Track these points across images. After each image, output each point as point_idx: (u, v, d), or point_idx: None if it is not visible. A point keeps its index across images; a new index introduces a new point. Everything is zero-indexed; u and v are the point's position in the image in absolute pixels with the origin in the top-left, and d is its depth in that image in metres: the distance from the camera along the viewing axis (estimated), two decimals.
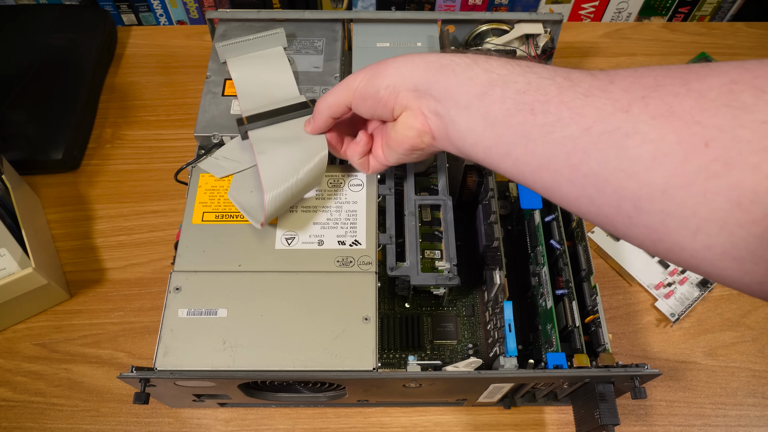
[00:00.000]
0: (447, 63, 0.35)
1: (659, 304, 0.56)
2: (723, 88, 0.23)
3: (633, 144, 0.25)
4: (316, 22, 0.58)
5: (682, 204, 0.24)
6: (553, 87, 0.30)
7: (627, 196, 0.26)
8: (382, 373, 0.40)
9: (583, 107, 0.28)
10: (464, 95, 0.34)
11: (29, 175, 0.63)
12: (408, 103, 0.37)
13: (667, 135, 0.24)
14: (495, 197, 0.49)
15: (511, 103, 0.31)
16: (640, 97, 0.26)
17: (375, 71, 0.39)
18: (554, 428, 0.51)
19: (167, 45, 0.76)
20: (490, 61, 0.34)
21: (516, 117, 0.31)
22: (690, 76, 0.25)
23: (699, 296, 0.56)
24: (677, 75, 0.26)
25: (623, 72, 0.28)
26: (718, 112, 0.23)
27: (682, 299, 0.56)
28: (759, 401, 0.52)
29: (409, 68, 0.37)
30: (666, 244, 0.26)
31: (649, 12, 0.82)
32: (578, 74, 0.30)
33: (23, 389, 0.52)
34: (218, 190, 0.47)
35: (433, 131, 0.37)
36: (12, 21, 0.71)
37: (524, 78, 0.32)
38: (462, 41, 0.62)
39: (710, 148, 0.23)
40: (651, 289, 0.57)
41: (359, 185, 0.48)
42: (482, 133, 0.33)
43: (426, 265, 0.48)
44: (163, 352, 0.40)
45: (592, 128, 0.27)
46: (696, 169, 0.23)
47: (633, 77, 0.27)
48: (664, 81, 0.26)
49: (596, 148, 0.27)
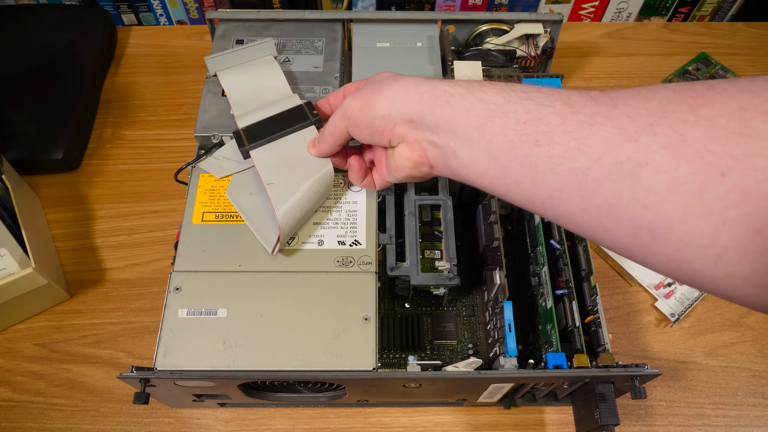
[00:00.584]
0: (441, 94, 0.35)
1: (659, 304, 0.56)
2: (732, 115, 0.23)
3: (646, 174, 0.25)
4: (316, 22, 0.58)
5: (701, 233, 0.24)
6: (554, 115, 0.29)
7: (643, 226, 0.26)
8: (382, 373, 0.40)
9: (589, 137, 0.27)
10: (462, 127, 0.33)
11: (29, 175, 0.63)
12: (404, 135, 0.37)
13: (681, 165, 0.24)
14: (495, 197, 0.49)
15: (513, 135, 0.31)
16: (648, 124, 0.25)
17: (367, 100, 0.38)
18: (554, 428, 0.51)
19: (167, 45, 0.76)
20: (484, 89, 0.33)
21: (520, 149, 0.30)
22: (697, 101, 0.25)
23: (699, 296, 0.56)
24: (682, 99, 0.25)
25: (624, 94, 0.28)
26: (731, 141, 0.23)
27: (682, 299, 0.56)
28: (759, 401, 0.52)
29: (403, 99, 0.36)
30: (686, 272, 0.26)
31: (649, 12, 0.82)
32: (578, 97, 0.29)
33: (23, 389, 0.52)
34: (218, 190, 0.47)
35: (431, 161, 0.37)
36: (12, 21, 0.71)
37: (522, 106, 0.31)
38: (462, 41, 0.62)
39: (726, 177, 0.23)
40: (651, 289, 0.57)
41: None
42: (487, 164, 0.33)
43: (426, 265, 0.48)
44: (163, 352, 0.40)
45: (602, 159, 0.27)
46: (713, 199, 0.23)
47: (636, 101, 0.27)
48: (670, 106, 0.25)
49: (608, 179, 0.27)
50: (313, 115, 0.47)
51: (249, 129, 0.46)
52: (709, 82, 0.25)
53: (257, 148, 0.45)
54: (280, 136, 0.46)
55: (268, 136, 0.46)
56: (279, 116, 0.47)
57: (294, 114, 0.47)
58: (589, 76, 0.73)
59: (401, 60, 0.56)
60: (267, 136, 0.46)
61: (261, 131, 0.46)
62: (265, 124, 0.46)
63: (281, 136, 0.46)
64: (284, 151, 0.45)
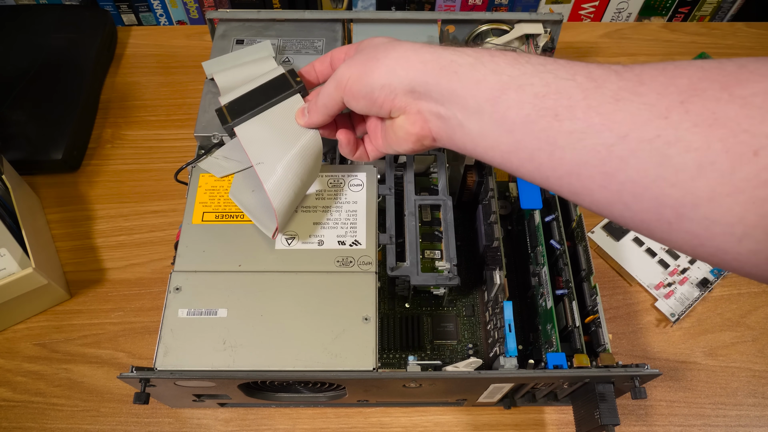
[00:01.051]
0: (447, 63, 0.33)
1: (659, 304, 0.56)
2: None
3: (675, 152, 0.25)
4: (316, 22, 0.58)
5: (729, 211, 0.24)
6: (576, 89, 0.28)
7: (669, 204, 0.25)
8: (382, 373, 0.40)
9: (615, 112, 0.27)
10: (473, 99, 0.32)
11: (29, 175, 0.63)
12: (406, 106, 0.35)
13: (713, 144, 0.24)
14: (495, 197, 0.49)
15: (530, 109, 0.29)
16: (678, 102, 0.25)
17: (364, 68, 0.36)
18: (554, 428, 0.51)
19: (167, 45, 0.76)
20: (495, 59, 0.32)
21: (538, 123, 0.29)
22: (729, 79, 0.24)
23: (699, 296, 0.56)
24: (713, 77, 0.25)
25: (651, 70, 0.27)
26: (766, 120, 0.23)
27: (682, 299, 0.56)
28: (759, 401, 0.52)
29: (404, 67, 0.34)
30: (708, 249, 0.26)
31: (649, 12, 0.82)
32: (600, 71, 0.28)
33: (23, 389, 0.52)
34: (218, 190, 0.47)
35: (434, 134, 0.36)
36: (12, 21, 0.71)
37: (540, 79, 0.29)
38: (462, 41, 0.62)
39: (759, 156, 0.22)
40: (651, 289, 0.57)
41: (359, 185, 0.48)
42: (498, 138, 0.31)
43: (426, 265, 0.48)
44: (163, 352, 0.40)
45: (629, 136, 0.26)
46: (745, 178, 0.23)
47: (664, 77, 0.26)
48: (701, 84, 0.25)
49: (635, 156, 0.26)
50: (296, 82, 0.44)
51: (231, 105, 0.44)
52: (739, 61, 0.25)
53: (241, 123, 0.43)
54: (264, 108, 0.43)
55: (251, 110, 0.44)
56: (261, 88, 0.44)
57: (277, 84, 0.44)
58: None
59: None
60: (250, 110, 0.44)
61: (244, 105, 0.44)
62: (248, 98, 0.44)
63: (265, 108, 0.43)
64: (270, 123, 0.43)
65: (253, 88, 0.45)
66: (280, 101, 0.44)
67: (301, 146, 0.42)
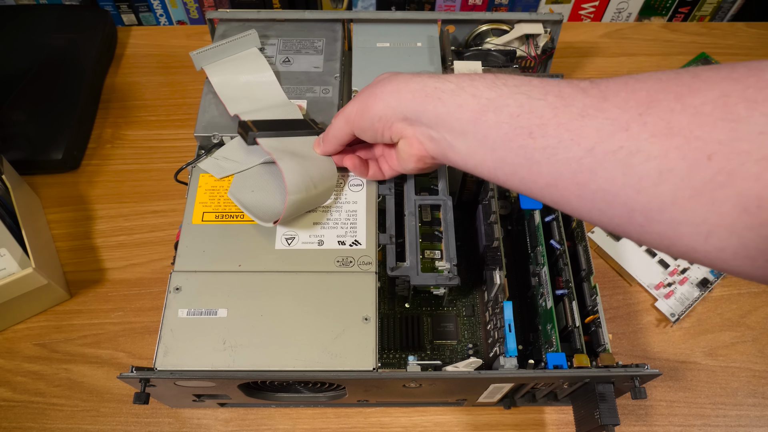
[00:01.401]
0: (432, 91, 0.36)
1: (659, 304, 0.56)
2: (717, 102, 0.25)
3: (638, 161, 0.27)
4: (316, 22, 0.58)
5: (692, 212, 0.25)
6: (547, 108, 0.31)
7: (637, 208, 0.27)
8: (382, 373, 0.40)
9: (582, 128, 0.29)
10: (457, 122, 0.35)
11: (29, 175, 0.63)
12: (402, 131, 0.39)
13: (670, 151, 0.25)
14: (495, 197, 0.49)
15: (507, 128, 0.32)
16: (637, 114, 0.27)
17: (365, 104, 0.40)
18: (554, 428, 0.51)
19: (167, 45, 0.76)
20: (475, 83, 0.34)
21: (515, 141, 0.32)
22: (682, 90, 0.26)
23: (699, 296, 0.56)
24: (669, 88, 0.27)
25: (614, 85, 0.29)
26: (716, 127, 0.24)
27: (682, 299, 0.56)
28: (759, 401, 0.52)
29: (396, 99, 0.38)
30: (679, 248, 0.27)
31: (649, 12, 0.82)
32: (569, 90, 0.30)
33: (23, 389, 0.52)
34: (218, 190, 0.47)
35: (431, 153, 0.39)
36: (12, 21, 0.71)
37: (515, 100, 0.32)
38: (462, 41, 0.62)
39: (713, 161, 0.24)
40: (651, 289, 0.57)
41: (359, 185, 0.48)
42: (484, 155, 0.34)
43: (426, 265, 0.48)
44: (163, 352, 0.40)
45: (595, 149, 0.28)
46: (702, 181, 0.25)
47: (625, 92, 0.28)
48: (657, 96, 0.27)
49: (602, 167, 0.28)
50: (318, 128, 0.49)
51: (255, 122, 0.48)
52: (694, 70, 0.27)
53: (266, 138, 0.47)
54: (287, 135, 0.47)
55: (275, 130, 0.47)
56: (285, 121, 0.49)
57: (301, 123, 0.49)
58: (589, 76, 0.73)
59: (401, 60, 0.56)
60: (275, 130, 0.47)
61: (268, 125, 0.48)
62: (273, 123, 0.48)
63: (287, 135, 0.47)
64: (292, 143, 0.47)
65: (276, 118, 0.49)
66: (302, 135, 0.48)
67: (317, 158, 0.46)
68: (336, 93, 0.53)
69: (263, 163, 0.48)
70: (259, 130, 0.47)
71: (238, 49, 0.54)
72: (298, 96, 0.53)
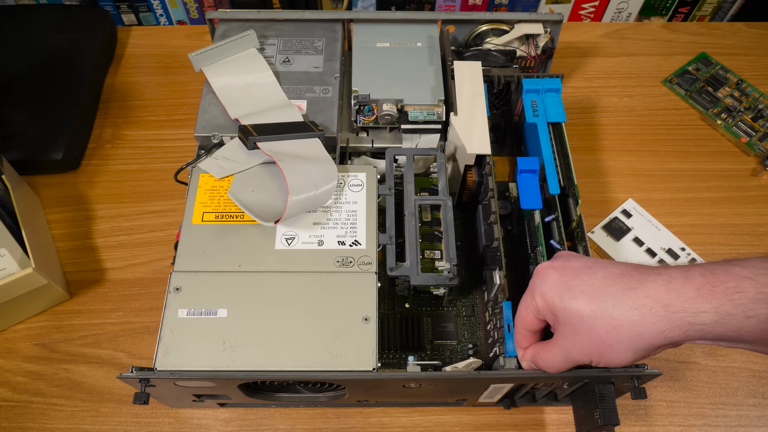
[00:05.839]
0: (687, 327, 0.34)
1: None
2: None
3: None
4: (316, 22, 0.58)
5: None
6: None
7: None
8: (382, 373, 0.40)
9: None
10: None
11: (29, 175, 0.63)
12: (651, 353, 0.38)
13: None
14: (495, 197, 0.49)
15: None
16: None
17: (599, 355, 0.37)
18: (554, 428, 0.51)
19: (167, 45, 0.76)
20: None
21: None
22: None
23: None
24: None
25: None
26: None
27: None
28: (759, 401, 0.52)
29: (642, 344, 0.35)
30: None
31: (649, 12, 0.82)
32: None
33: (23, 389, 0.52)
34: (218, 190, 0.47)
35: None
36: (12, 21, 0.71)
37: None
38: (462, 41, 0.62)
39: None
40: None
41: (359, 185, 0.48)
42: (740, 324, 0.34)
43: (426, 265, 0.48)
44: (163, 352, 0.40)
45: None
46: None
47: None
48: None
49: None
50: (318, 130, 0.49)
51: (255, 126, 0.48)
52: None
53: (265, 141, 0.46)
54: (286, 138, 0.47)
55: (275, 134, 0.47)
56: (285, 124, 0.49)
57: (301, 126, 0.49)
58: (589, 76, 0.73)
59: (401, 60, 0.56)
60: (275, 133, 0.47)
61: (267, 129, 0.48)
62: (272, 127, 0.48)
63: (287, 138, 0.47)
64: (291, 148, 0.47)
65: (276, 121, 0.49)
66: (302, 138, 0.48)
67: (317, 158, 0.46)
68: (336, 93, 0.53)
69: (263, 163, 0.48)
70: (259, 135, 0.47)
71: (236, 50, 0.54)
72: (298, 96, 0.53)
